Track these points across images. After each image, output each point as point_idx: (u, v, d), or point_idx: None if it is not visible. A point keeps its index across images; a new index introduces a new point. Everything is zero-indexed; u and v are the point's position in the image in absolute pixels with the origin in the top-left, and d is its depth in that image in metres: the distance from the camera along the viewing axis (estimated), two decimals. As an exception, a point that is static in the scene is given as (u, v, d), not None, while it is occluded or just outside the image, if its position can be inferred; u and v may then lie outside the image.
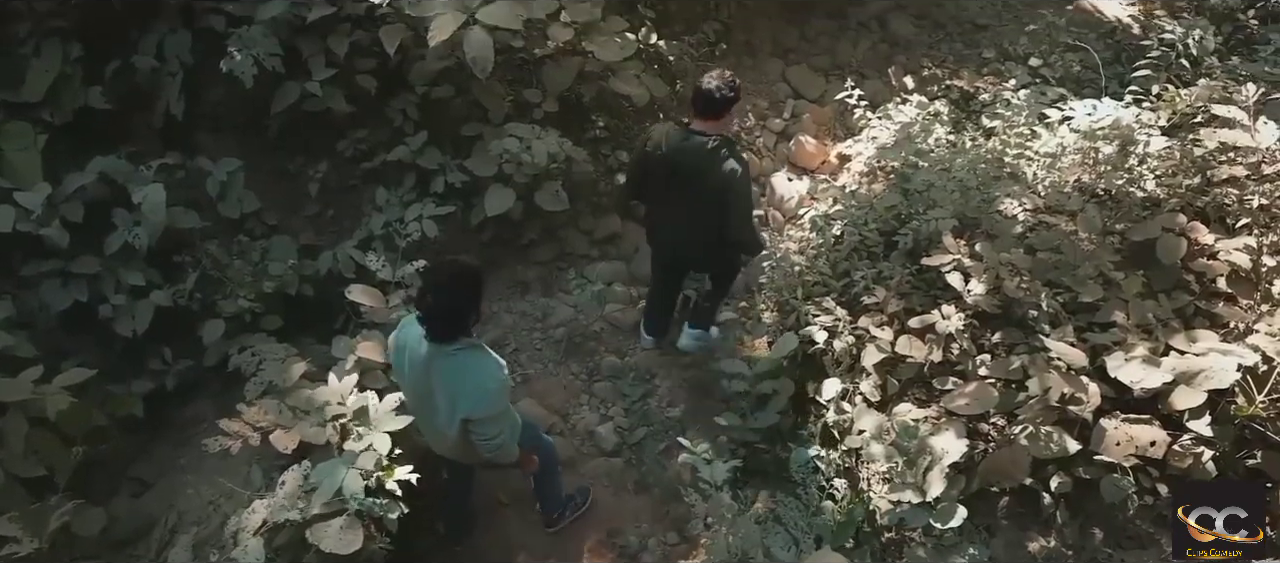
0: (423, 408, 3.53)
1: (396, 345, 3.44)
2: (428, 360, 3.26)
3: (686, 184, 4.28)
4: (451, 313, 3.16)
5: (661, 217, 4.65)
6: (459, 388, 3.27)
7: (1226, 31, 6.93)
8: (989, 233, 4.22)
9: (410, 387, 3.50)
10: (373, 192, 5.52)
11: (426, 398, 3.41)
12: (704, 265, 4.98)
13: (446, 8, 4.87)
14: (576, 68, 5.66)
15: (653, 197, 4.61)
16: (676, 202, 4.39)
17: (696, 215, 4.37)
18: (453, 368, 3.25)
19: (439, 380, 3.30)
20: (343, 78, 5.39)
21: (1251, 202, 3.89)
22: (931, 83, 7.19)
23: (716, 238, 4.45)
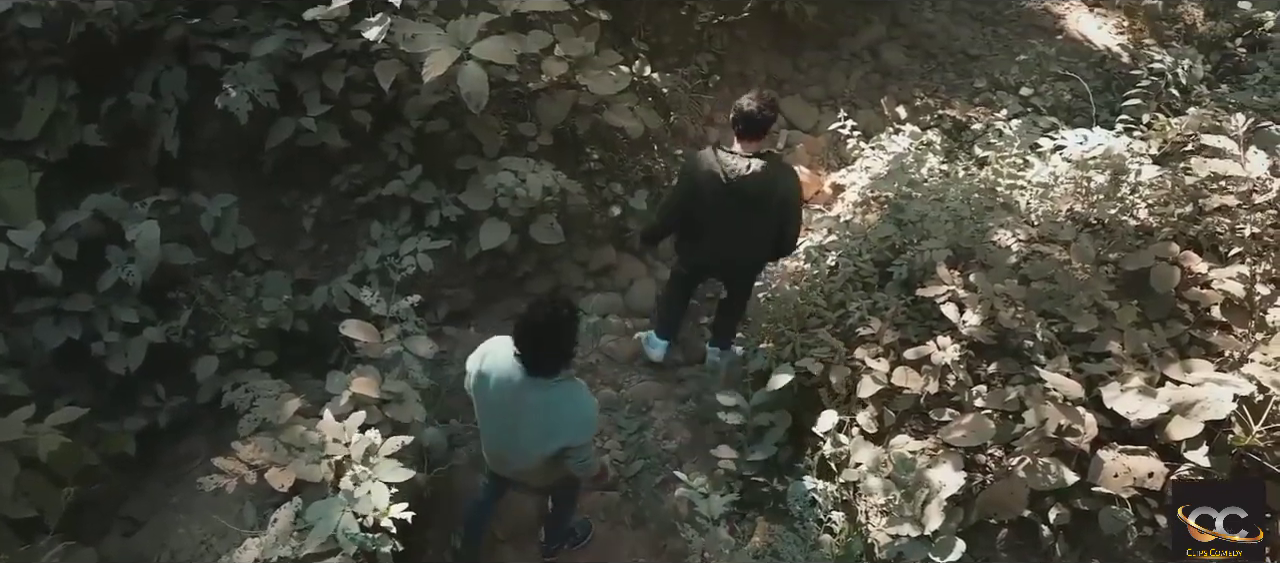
0: (503, 432, 3.59)
1: (481, 370, 3.48)
2: (520, 390, 3.35)
3: (751, 206, 4.38)
4: (556, 352, 3.27)
5: (721, 238, 4.61)
6: (559, 419, 3.37)
7: (1215, 60, 6.99)
8: (983, 263, 4.23)
9: (494, 412, 3.55)
10: (368, 226, 5.52)
11: (511, 424, 3.48)
12: (750, 277, 5.03)
13: (441, 43, 4.89)
14: (570, 101, 5.69)
15: (704, 220, 4.58)
16: (735, 222, 4.48)
17: (756, 233, 4.54)
18: (551, 400, 3.35)
19: (532, 411, 3.38)
20: (338, 113, 5.41)
21: (1243, 230, 3.90)
22: (924, 113, 7.24)
23: (770, 251, 4.72)
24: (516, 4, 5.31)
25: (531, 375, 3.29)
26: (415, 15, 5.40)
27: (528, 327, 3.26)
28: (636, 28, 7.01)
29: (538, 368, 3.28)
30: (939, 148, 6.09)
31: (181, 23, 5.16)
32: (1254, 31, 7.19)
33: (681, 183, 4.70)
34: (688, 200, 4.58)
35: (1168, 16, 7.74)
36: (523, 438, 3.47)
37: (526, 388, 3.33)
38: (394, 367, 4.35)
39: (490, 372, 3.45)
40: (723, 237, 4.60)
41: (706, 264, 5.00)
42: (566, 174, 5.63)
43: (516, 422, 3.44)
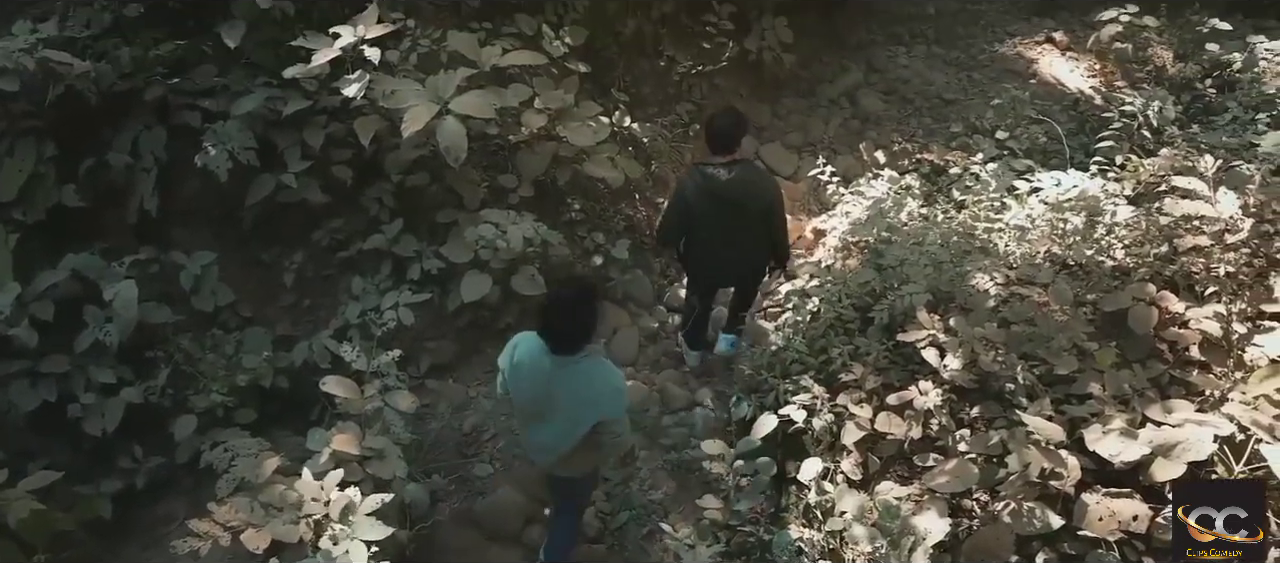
0: (535, 422, 3.76)
1: (513, 362, 3.67)
2: (551, 373, 3.51)
3: (735, 209, 4.81)
4: (576, 328, 3.45)
5: (716, 245, 5.00)
6: (590, 393, 3.53)
7: (1186, 101, 7.10)
8: (963, 307, 4.24)
9: (528, 399, 3.70)
10: (349, 280, 5.50)
11: (544, 411, 3.65)
12: (753, 279, 5.45)
13: (420, 98, 4.93)
14: (550, 153, 5.72)
15: (704, 231, 4.95)
16: (724, 228, 4.89)
17: (745, 236, 4.97)
18: (581, 376, 3.51)
19: (565, 389, 3.54)
20: (318, 169, 5.42)
21: (1218, 269, 3.94)
22: (902, 157, 7.32)
23: (766, 251, 5.14)
24: (495, 58, 5.37)
25: (557, 355, 3.46)
26: (395, 71, 5.46)
27: (549, 307, 3.49)
28: (616, 79, 7.08)
29: (562, 346, 3.45)
30: (918, 192, 6.14)
31: (161, 83, 5.17)
32: (1223, 72, 7.32)
33: (674, 199, 5.08)
34: (681, 215, 4.95)
35: (1138, 59, 7.87)
36: (560, 419, 3.62)
37: (555, 369, 3.49)
38: (375, 422, 4.31)
39: (521, 360, 3.62)
40: (716, 243, 4.99)
41: (709, 273, 5.36)
42: (548, 225, 5.64)
43: (550, 405, 3.60)
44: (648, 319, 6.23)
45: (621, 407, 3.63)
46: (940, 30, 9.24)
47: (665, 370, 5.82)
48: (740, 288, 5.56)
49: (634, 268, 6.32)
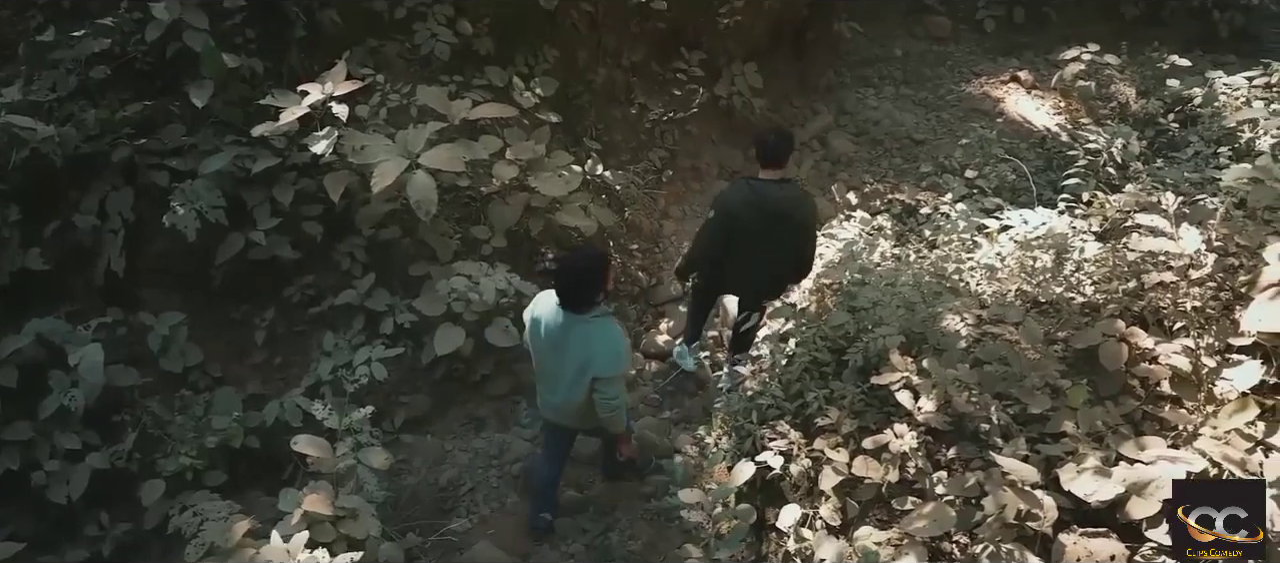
0: (551, 374, 4.18)
1: (532, 318, 4.13)
2: (564, 329, 3.97)
3: (781, 223, 5.07)
4: (584, 287, 3.90)
5: (750, 258, 5.18)
6: (592, 350, 3.95)
7: (1150, 135, 7.21)
8: (936, 348, 4.24)
9: (544, 353, 4.14)
10: (321, 336, 5.47)
11: (557, 363, 4.07)
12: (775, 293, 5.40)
13: (390, 153, 4.94)
14: (522, 203, 5.73)
15: (745, 240, 5.11)
16: (770, 242, 5.10)
17: (786, 249, 5.20)
18: (587, 332, 3.95)
19: (573, 344, 3.97)
20: (288, 225, 5.40)
21: (1185, 304, 3.96)
22: (874, 198, 7.38)
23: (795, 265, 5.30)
24: (466, 111, 5.39)
25: (569, 312, 3.92)
26: (365, 126, 5.47)
27: (562, 270, 4.01)
28: (588, 128, 7.13)
29: (573, 303, 3.91)
30: (890, 232, 6.17)
31: (129, 144, 5.16)
32: (1184, 107, 7.45)
33: (718, 215, 5.15)
34: (725, 228, 5.10)
35: (1101, 96, 8.00)
36: (568, 373, 4.03)
37: (568, 325, 3.95)
38: (349, 480, 4.24)
39: (540, 316, 4.08)
40: (754, 254, 5.15)
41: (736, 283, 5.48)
42: (521, 275, 5.63)
43: (561, 360, 4.03)
44: (625, 367, 6.19)
45: (614, 367, 4.01)
46: (908, 71, 9.39)
47: (643, 418, 5.78)
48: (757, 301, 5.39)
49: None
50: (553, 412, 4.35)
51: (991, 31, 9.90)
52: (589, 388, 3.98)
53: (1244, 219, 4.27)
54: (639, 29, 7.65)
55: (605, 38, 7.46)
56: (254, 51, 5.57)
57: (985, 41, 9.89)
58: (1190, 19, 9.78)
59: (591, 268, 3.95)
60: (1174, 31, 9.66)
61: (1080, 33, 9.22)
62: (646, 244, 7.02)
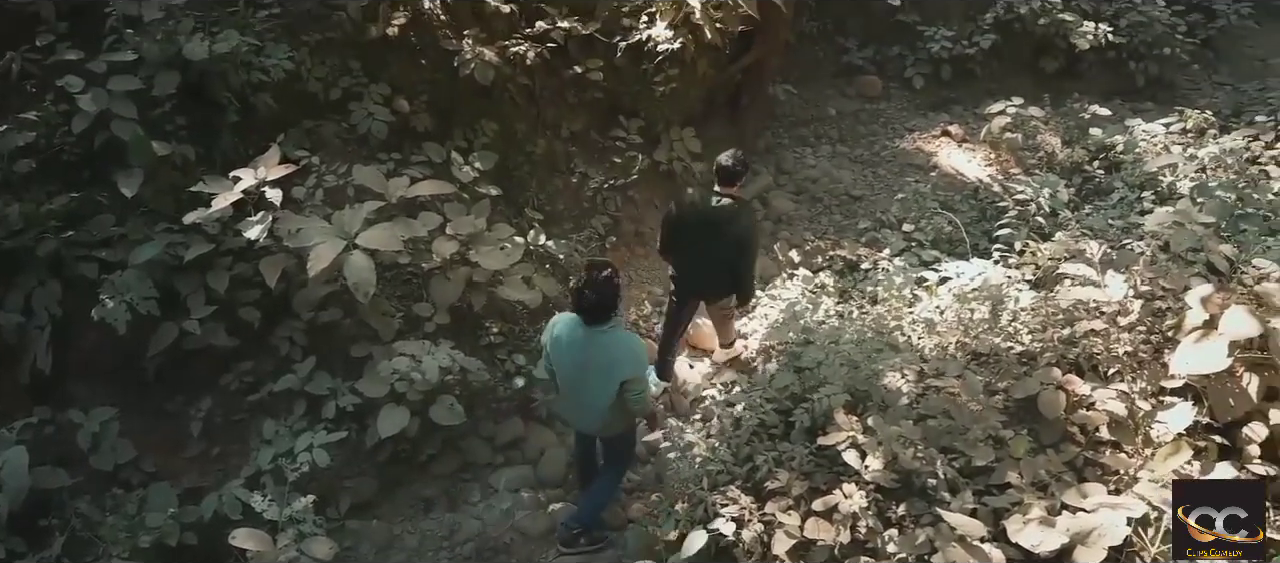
0: (576, 387, 4.63)
1: (553, 337, 4.59)
2: (586, 341, 4.44)
3: (716, 230, 5.70)
4: (603, 302, 4.38)
5: (691, 260, 5.92)
6: (616, 356, 4.45)
7: (1077, 183, 7.44)
8: (880, 404, 4.27)
9: (568, 368, 4.60)
10: (260, 424, 5.31)
11: (582, 376, 4.54)
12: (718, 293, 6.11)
13: (326, 236, 4.88)
14: (464, 278, 5.69)
15: (684, 246, 5.89)
16: (705, 249, 5.76)
17: (719, 260, 5.77)
18: (608, 342, 4.45)
19: (597, 354, 4.45)
20: (224, 312, 5.30)
21: (1117, 349, 4.05)
22: (815, 255, 7.46)
23: (730, 279, 5.89)
24: (403, 190, 5.37)
25: (588, 325, 4.40)
26: (302, 208, 5.42)
27: (580, 287, 4.42)
28: (529, 199, 7.15)
29: (591, 317, 4.39)
30: (832, 289, 6.25)
31: (55, 237, 5.04)
32: (1107, 154, 7.72)
33: (665, 217, 6.05)
34: (668, 230, 5.95)
35: (1029, 147, 8.26)
36: (592, 381, 4.52)
37: (588, 336, 4.43)
38: (291, 573, 4.11)
39: (561, 334, 4.55)
40: (695, 259, 5.86)
41: (683, 284, 6.08)
42: (465, 351, 5.57)
43: (585, 369, 4.51)
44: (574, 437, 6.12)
45: (642, 366, 4.55)
46: (843, 130, 9.61)
47: (595, 489, 5.70)
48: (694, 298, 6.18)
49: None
50: (583, 421, 4.92)
51: (920, 88, 10.19)
52: (617, 389, 4.48)
53: (1168, 263, 4.41)
54: (576, 100, 7.74)
55: (543, 109, 7.53)
56: (185, 138, 5.51)
57: (915, 98, 10.17)
58: (1107, 70, 10.19)
59: (610, 285, 4.44)
60: (1093, 83, 10.06)
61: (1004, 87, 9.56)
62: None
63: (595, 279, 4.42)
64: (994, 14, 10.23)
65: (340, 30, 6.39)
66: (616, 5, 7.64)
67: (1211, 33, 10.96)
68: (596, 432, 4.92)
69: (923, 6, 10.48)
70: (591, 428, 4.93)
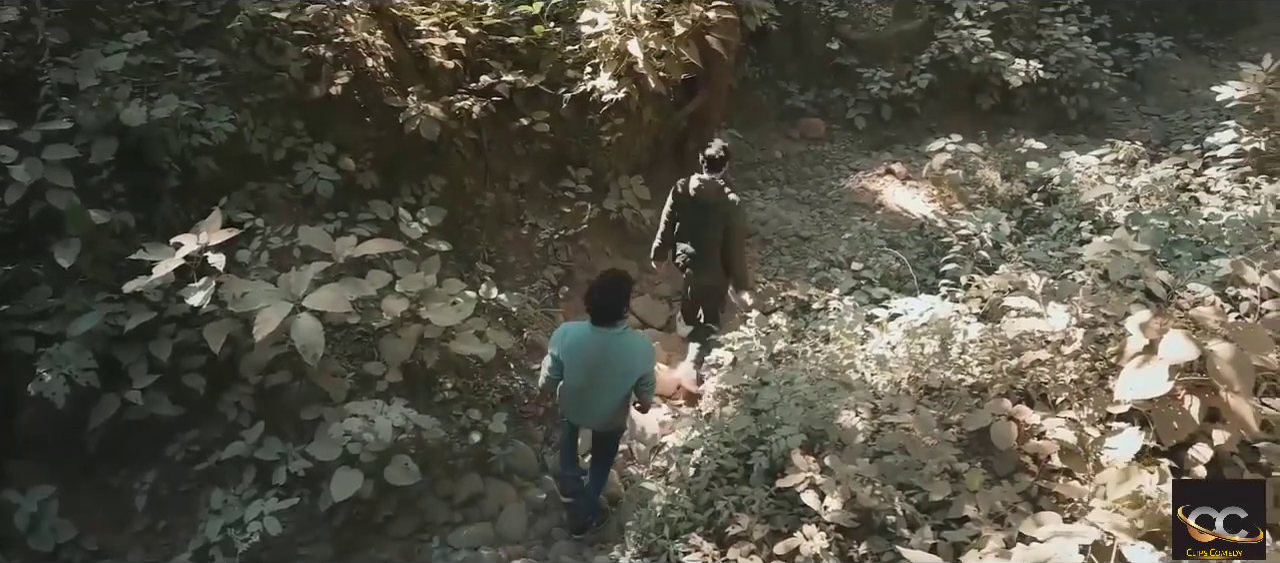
0: (589, 387, 4.94)
1: (566, 343, 4.89)
2: (601, 344, 4.78)
3: (704, 213, 6.30)
4: (614, 305, 4.79)
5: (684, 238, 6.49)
6: (629, 354, 4.83)
7: (1018, 215, 7.61)
8: (836, 444, 4.29)
9: (581, 370, 4.89)
10: (208, 494, 5.16)
11: (596, 377, 4.87)
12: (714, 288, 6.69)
13: (272, 298, 4.80)
14: (416, 335, 5.63)
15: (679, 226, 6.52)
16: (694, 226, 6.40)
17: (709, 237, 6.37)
18: (621, 343, 4.83)
19: (610, 356, 4.81)
20: (168, 381, 5.17)
21: (1063, 378, 4.13)
22: (768, 296, 7.51)
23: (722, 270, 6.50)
24: (351, 249, 5.31)
25: (599, 327, 4.74)
26: (246, 271, 5.33)
27: (592, 292, 4.83)
28: (480, 252, 7.13)
29: (602, 319, 4.74)
30: (785, 329, 6.29)
31: (-13, 312, 4.90)
32: (1045, 186, 7.93)
33: (668, 202, 6.61)
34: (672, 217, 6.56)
35: (970, 182, 8.46)
36: (606, 381, 4.88)
37: (603, 339, 4.77)
38: (241, 652, 3.97)
39: (573, 340, 4.86)
40: (687, 238, 6.47)
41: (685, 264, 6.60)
42: (419, 408, 5.49)
43: (598, 370, 4.84)
44: (535, 491, 6.04)
45: (650, 362, 4.93)
46: (790, 172, 9.75)
47: (557, 543, 5.62)
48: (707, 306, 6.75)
49: (515, 440, 6.17)
50: (592, 418, 5.17)
51: (863, 129, 10.41)
52: (632, 386, 4.88)
53: (1107, 290, 4.51)
54: (524, 151, 7.77)
55: (491, 162, 7.54)
56: (124, 205, 5.41)
57: (858, 139, 10.38)
58: (1040, 105, 10.52)
59: (621, 290, 4.88)
60: (1027, 118, 10.37)
61: (943, 124, 9.83)
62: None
63: (608, 284, 4.88)
64: (929, 55, 10.52)
65: (283, 91, 6.35)
66: (560, 58, 7.71)
67: (1137, 66, 11.39)
68: (600, 427, 5.26)
69: (860, 49, 10.74)
70: (597, 424, 5.24)
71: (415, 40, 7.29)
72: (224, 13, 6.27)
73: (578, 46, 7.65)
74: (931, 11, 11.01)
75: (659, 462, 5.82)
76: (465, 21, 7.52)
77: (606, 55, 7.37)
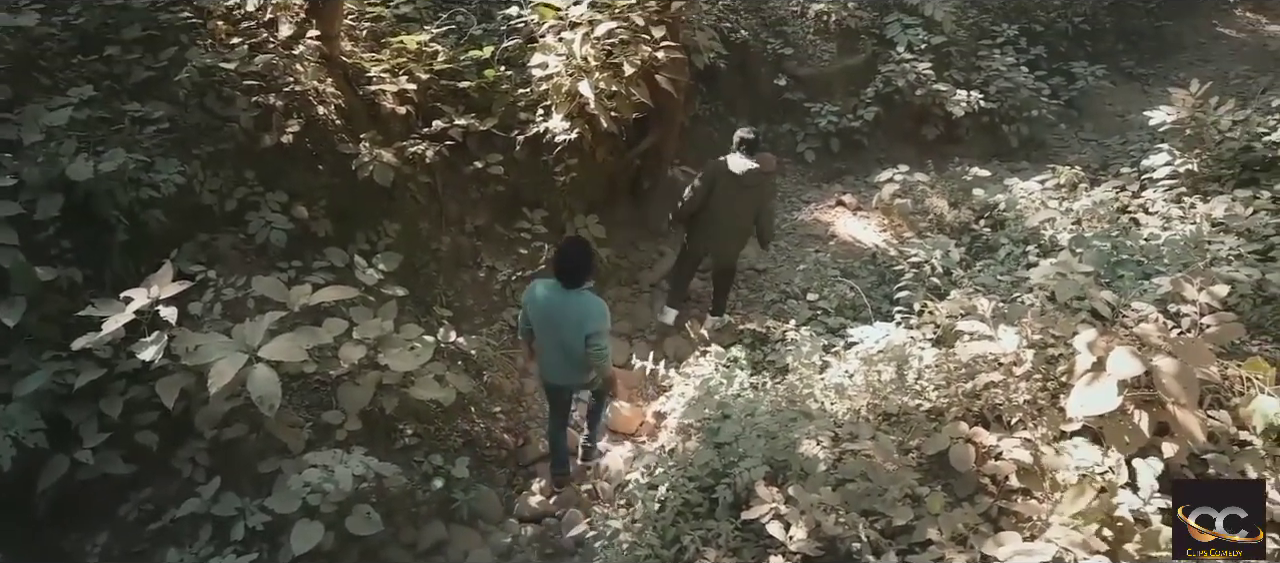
0: (551, 341, 5.50)
1: (531, 300, 5.48)
2: (562, 302, 5.29)
3: (746, 192, 7.09)
4: (578, 269, 5.24)
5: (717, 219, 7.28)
6: (585, 314, 5.26)
7: (966, 242, 7.80)
8: (799, 473, 4.33)
9: (543, 324, 5.48)
10: (164, 554, 5.03)
11: (556, 332, 5.40)
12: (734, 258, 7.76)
13: (226, 350, 4.73)
14: (374, 382, 5.57)
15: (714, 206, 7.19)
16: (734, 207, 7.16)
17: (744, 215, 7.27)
18: (579, 303, 5.28)
19: (569, 314, 5.29)
20: (120, 438, 5.04)
21: (1017, 399, 4.22)
22: (726, 331, 7.58)
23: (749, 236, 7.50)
24: (306, 297, 5.27)
25: (563, 288, 5.24)
26: (199, 324, 5.25)
27: (558, 256, 5.33)
28: (437, 296, 7.10)
29: (567, 281, 5.24)
30: (745, 363, 6.34)
31: (-73, 381, 4.76)
32: (992, 212, 8.13)
33: (705, 179, 7.21)
34: (705, 191, 7.17)
35: (919, 211, 8.64)
36: (565, 336, 5.34)
37: (561, 297, 5.28)
38: None
39: (539, 294, 5.41)
40: (724, 218, 7.23)
41: (708, 243, 7.51)
42: (380, 456, 5.41)
43: (559, 325, 5.35)
44: (499, 535, 5.99)
45: (601, 321, 5.28)
46: (743, 206, 9.85)
47: (522, 588, 5.58)
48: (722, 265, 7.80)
49: (478, 485, 6.12)
50: (556, 373, 5.74)
51: (813, 162, 10.58)
52: (585, 343, 5.24)
53: (1055, 312, 4.63)
54: (479, 194, 7.79)
55: (446, 206, 7.54)
56: (72, 260, 5.30)
57: (808, 171, 10.55)
58: (983, 134, 10.80)
59: (585, 254, 5.33)
60: (971, 146, 10.65)
61: (891, 155, 10.05)
62: (509, 405, 6.93)
63: (572, 249, 5.35)
64: (874, 88, 10.78)
65: (233, 141, 6.30)
66: (512, 101, 7.76)
67: (1073, 94, 11.77)
68: (572, 383, 5.85)
69: (807, 85, 10.95)
70: (567, 380, 5.79)
71: (366, 87, 7.29)
72: (171, 65, 6.22)
73: (529, 89, 7.71)
74: (874, 46, 11.28)
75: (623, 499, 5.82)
76: (416, 67, 7.55)
77: (558, 97, 7.43)
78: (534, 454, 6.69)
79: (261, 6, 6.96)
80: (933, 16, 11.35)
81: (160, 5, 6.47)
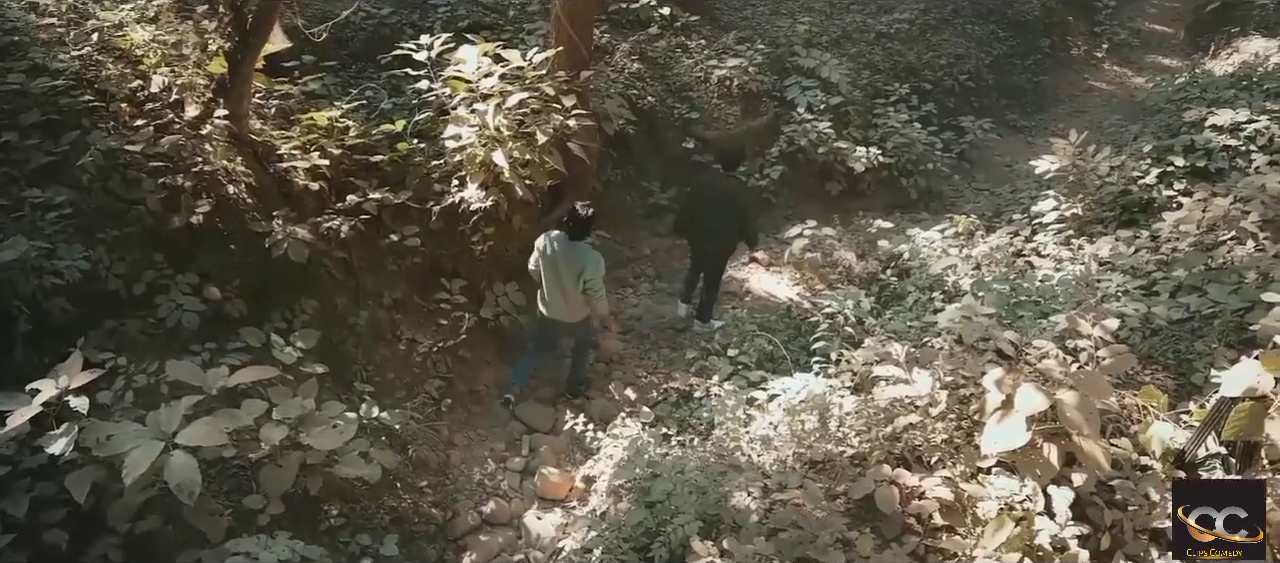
0: (553, 283, 6.95)
1: (541, 247, 6.99)
2: (567, 251, 6.80)
3: (720, 199, 8.13)
4: (581, 224, 6.74)
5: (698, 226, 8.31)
6: (581, 258, 6.75)
7: (876, 291, 8.09)
8: (732, 526, 4.40)
9: (549, 268, 6.93)
10: (73, 663, 4.78)
11: (558, 275, 6.86)
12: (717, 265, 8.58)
13: (141, 438, 4.58)
14: (297, 463, 5.43)
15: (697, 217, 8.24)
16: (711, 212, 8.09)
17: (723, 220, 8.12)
18: (579, 252, 6.77)
19: (570, 261, 6.78)
20: (25, 539, 4.77)
21: (934, 439, 4.41)
22: (650, 389, 7.66)
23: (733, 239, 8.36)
24: (223, 380, 5.14)
25: (568, 239, 6.76)
26: (111, 413, 5.07)
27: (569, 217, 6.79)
28: (357, 372, 6.98)
29: (573, 233, 6.76)
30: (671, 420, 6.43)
31: None
32: (897, 262, 8.47)
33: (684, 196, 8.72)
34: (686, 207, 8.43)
35: (828, 263, 8.93)
36: (564, 278, 6.83)
37: (565, 247, 6.81)
38: None
39: (551, 240, 6.91)
40: (702, 224, 8.27)
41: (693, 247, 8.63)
42: (305, 539, 5.26)
43: (561, 269, 6.83)
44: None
45: (598, 269, 6.78)
46: (659, 267, 10.04)
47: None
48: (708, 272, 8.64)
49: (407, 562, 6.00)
50: (554, 309, 7.11)
51: (724, 221, 10.83)
52: (581, 286, 6.75)
53: (963, 353, 4.87)
54: (396, 267, 7.74)
55: (363, 280, 7.46)
56: (-30, 355, 5.08)
57: (720, 230, 10.78)
58: (883, 187, 11.27)
59: (587, 216, 6.72)
60: (873, 200, 11.10)
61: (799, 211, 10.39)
62: (435, 478, 6.83)
63: (580, 213, 6.70)
64: (778, 148, 11.15)
65: (140, 223, 6.15)
66: (427, 173, 7.79)
67: (964, 147, 12.42)
68: (567, 318, 7.14)
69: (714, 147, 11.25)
70: (564, 315, 7.11)
71: (277, 165, 7.22)
72: (73, 149, 6.07)
73: (443, 161, 7.75)
74: (776, 108, 11.70)
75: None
76: (328, 143, 7.52)
77: (472, 167, 7.49)
78: (463, 527, 6.59)
79: (166, 88, 6.87)
80: (829, 78, 11.87)
81: (60, 90, 6.31)
